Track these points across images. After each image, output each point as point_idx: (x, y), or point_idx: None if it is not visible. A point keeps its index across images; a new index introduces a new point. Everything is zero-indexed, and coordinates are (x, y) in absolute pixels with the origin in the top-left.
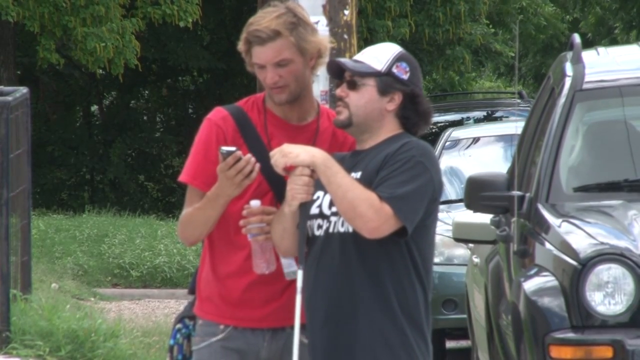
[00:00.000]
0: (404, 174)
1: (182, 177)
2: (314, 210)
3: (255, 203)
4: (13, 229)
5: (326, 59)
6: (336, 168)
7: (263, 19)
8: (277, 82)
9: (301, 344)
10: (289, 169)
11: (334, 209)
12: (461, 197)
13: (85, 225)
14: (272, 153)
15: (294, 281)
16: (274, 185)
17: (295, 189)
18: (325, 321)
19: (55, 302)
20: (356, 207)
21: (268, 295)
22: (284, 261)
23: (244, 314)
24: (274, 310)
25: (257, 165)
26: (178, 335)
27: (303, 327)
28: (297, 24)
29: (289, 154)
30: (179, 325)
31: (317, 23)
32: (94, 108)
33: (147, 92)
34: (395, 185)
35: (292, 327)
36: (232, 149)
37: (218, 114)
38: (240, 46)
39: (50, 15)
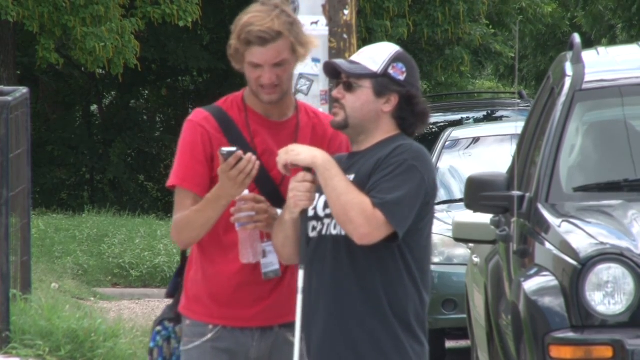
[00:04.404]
0: (396, 179)
1: (171, 181)
2: (309, 212)
3: (245, 192)
4: (13, 229)
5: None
6: (335, 171)
7: (264, 20)
8: (274, 82)
9: (289, 343)
10: (292, 170)
11: (327, 211)
12: (461, 197)
13: (85, 225)
14: (279, 152)
15: (282, 280)
16: (259, 183)
17: (298, 196)
18: (318, 323)
19: (55, 301)
20: (348, 212)
21: (257, 294)
22: (264, 261)
23: (234, 313)
24: (263, 309)
25: (257, 163)
26: (158, 338)
27: (291, 325)
28: (293, 23)
29: (291, 151)
30: (158, 328)
31: (316, 23)
32: (94, 108)
33: (146, 92)
34: (386, 191)
35: (280, 326)
36: (233, 149)
37: (199, 115)
38: (235, 45)
39: (50, 15)
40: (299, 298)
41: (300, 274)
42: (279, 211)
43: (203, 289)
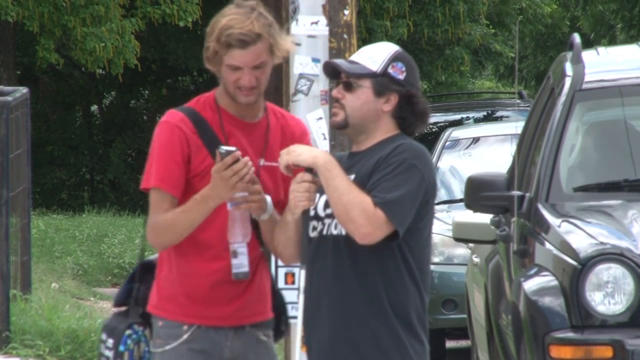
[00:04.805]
0: (396, 178)
1: (149, 183)
2: (310, 212)
3: None
4: (13, 229)
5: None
6: (336, 171)
7: (243, 22)
8: (253, 84)
9: (261, 341)
10: (295, 170)
11: (328, 211)
12: (461, 197)
13: (85, 225)
14: (281, 152)
15: (253, 280)
16: None
17: (298, 197)
18: (320, 323)
19: (55, 301)
20: (349, 211)
21: (232, 293)
22: (235, 262)
23: (210, 312)
24: (237, 308)
25: (253, 169)
26: (129, 341)
27: (261, 325)
28: (271, 25)
29: (293, 152)
30: (128, 332)
31: (317, 23)
32: (94, 108)
33: (146, 92)
34: (387, 190)
35: (251, 326)
36: (232, 149)
37: (175, 116)
38: (215, 48)
39: (50, 15)
40: (301, 298)
41: (302, 274)
42: (267, 198)
43: (178, 288)
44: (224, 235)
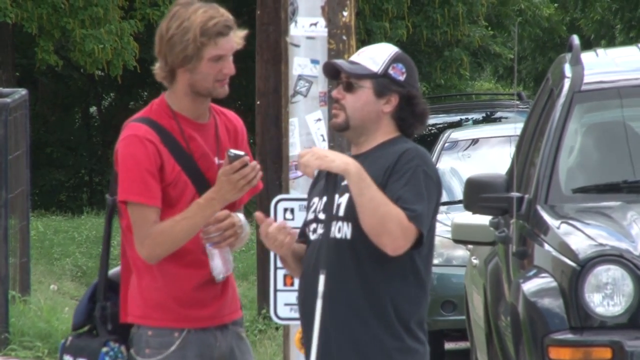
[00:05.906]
0: (415, 187)
1: (130, 196)
2: (310, 215)
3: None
4: (12, 231)
5: None
6: (369, 180)
7: (218, 12)
8: (233, 70)
9: (242, 338)
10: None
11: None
12: (460, 199)
13: (84, 226)
14: (302, 153)
15: (228, 278)
16: (197, 187)
17: (278, 242)
18: (321, 325)
19: (53, 303)
20: (386, 223)
21: (214, 293)
22: (212, 263)
23: (198, 313)
24: (219, 307)
25: (260, 174)
26: (107, 358)
27: (238, 322)
28: None
29: (325, 157)
30: (105, 349)
31: (315, 24)
32: (93, 109)
33: (145, 93)
34: (412, 201)
35: (233, 323)
36: (241, 153)
37: (140, 129)
38: (201, 41)
39: (49, 17)
40: (319, 303)
41: (321, 278)
42: (241, 216)
43: (166, 294)
44: (200, 240)
